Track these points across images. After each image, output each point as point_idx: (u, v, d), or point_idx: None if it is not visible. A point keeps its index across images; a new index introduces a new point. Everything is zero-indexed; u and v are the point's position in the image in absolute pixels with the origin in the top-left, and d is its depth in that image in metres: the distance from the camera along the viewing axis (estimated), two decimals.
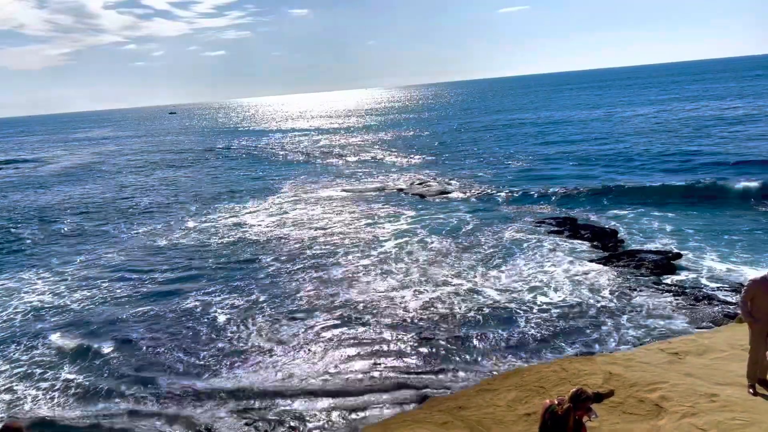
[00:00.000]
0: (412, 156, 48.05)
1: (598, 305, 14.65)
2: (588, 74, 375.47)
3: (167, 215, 30.87)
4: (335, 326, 14.66)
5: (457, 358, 12.49)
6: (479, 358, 12.41)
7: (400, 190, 33.18)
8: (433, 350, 12.96)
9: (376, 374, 12.07)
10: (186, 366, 13.18)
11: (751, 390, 7.94)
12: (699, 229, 20.79)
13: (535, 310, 14.66)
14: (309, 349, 13.48)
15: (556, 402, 5.66)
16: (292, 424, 10.48)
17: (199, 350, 13.91)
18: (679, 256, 17.66)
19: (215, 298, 17.34)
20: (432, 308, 15.30)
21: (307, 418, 10.61)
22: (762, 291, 7.62)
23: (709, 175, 28.50)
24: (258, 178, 43.15)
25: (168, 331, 15.23)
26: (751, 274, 15.70)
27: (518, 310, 14.72)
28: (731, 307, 13.60)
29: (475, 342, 13.19)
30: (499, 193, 29.67)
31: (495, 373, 11.45)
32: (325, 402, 11.13)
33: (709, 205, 23.95)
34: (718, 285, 15.27)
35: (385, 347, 13.32)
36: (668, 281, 15.84)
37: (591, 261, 18.06)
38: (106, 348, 14.40)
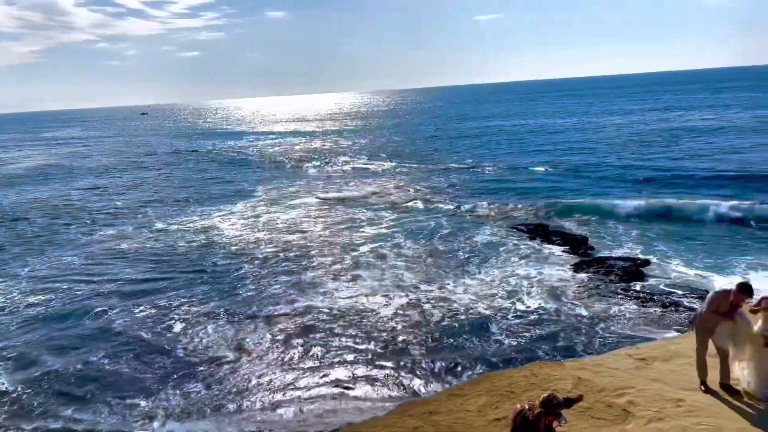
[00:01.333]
0: (387, 161, 48.08)
1: (569, 311, 14.79)
2: (563, 83, 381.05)
3: (135, 218, 30.25)
4: (303, 332, 14.39)
5: (428, 363, 12.44)
6: (450, 363, 12.38)
7: (374, 195, 33.15)
8: (404, 355, 12.89)
9: (345, 380, 11.94)
10: (132, 380, 12.40)
11: (702, 387, 8.34)
12: (664, 235, 21.28)
13: (506, 316, 14.73)
14: (273, 358, 13.12)
15: (527, 407, 5.68)
16: None
17: (150, 362, 13.18)
18: (647, 263, 17.99)
19: (174, 303, 16.84)
20: (404, 314, 15.24)
21: (273, 429, 10.35)
22: (719, 303, 8.00)
23: (676, 189, 29.04)
24: (231, 181, 42.65)
25: (120, 340, 14.47)
26: (717, 279, 16.14)
27: (490, 316, 14.76)
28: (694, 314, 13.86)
29: (446, 347, 13.18)
30: (473, 200, 29.83)
31: (466, 378, 11.46)
32: (291, 410, 10.87)
33: (675, 214, 24.45)
34: (684, 292, 15.57)
35: (355, 353, 13.19)
36: (637, 287, 16.09)
37: (562, 267, 18.26)
38: (48, 359, 13.57)
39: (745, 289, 7.77)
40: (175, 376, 12.47)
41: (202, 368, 12.78)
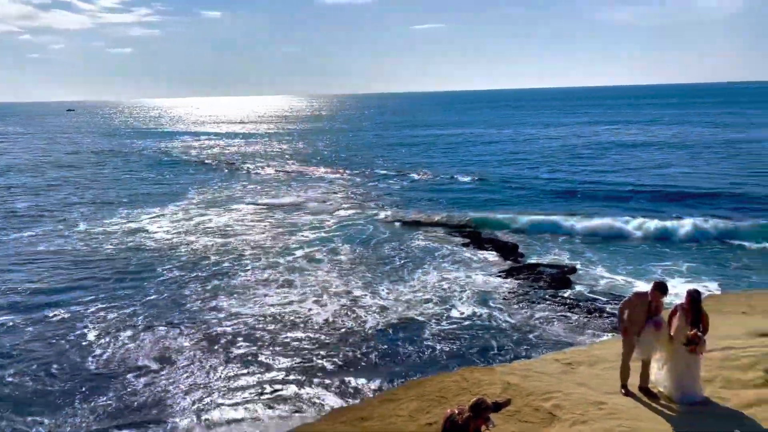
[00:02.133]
0: (323, 167, 47.78)
1: (500, 317, 15.09)
2: (500, 94, 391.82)
3: (56, 219, 28.62)
4: (230, 341, 13.94)
5: (360, 369, 12.36)
6: (383, 369, 12.34)
7: (310, 200, 32.81)
8: (336, 362, 12.74)
9: (274, 389, 11.65)
10: (37, 395, 11.49)
11: (623, 390, 8.57)
12: (589, 244, 22.28)
13: (440, 322, 14.86)
14: (196, 368, 12.56)
15: (457, 411, 5.67)
16: None
17: (57, 374, 12.27)
18: (574, 270, 18.66)
19: (90, 310, 15.97)
20: (337, 320, 15.10)
21: None
22: (637, 304, 8.24)
23: (601, 202, 30.26)
24: (163, 182, 41.17)
25: (26, 352, 13.40)
26: (638, 284, 16.95)
27: (424, 322, 14.85)
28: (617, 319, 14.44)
29: (379, 353, 13.13)
30: (409, 207, 30.08)
31: (398, 383, 11.43)
32: (216, 423, 10.40)
33: (600, 225, 25.42)
34: (608, 299, 16.22)
35: (285, 360, 12.91)
36: (564, 294, 16.62)
37: (494, 274, 18.63)
38: None
39: (660, 287, 8.13)
40: (84, 389, 11.67)
41: (115, 380, 12.04)
